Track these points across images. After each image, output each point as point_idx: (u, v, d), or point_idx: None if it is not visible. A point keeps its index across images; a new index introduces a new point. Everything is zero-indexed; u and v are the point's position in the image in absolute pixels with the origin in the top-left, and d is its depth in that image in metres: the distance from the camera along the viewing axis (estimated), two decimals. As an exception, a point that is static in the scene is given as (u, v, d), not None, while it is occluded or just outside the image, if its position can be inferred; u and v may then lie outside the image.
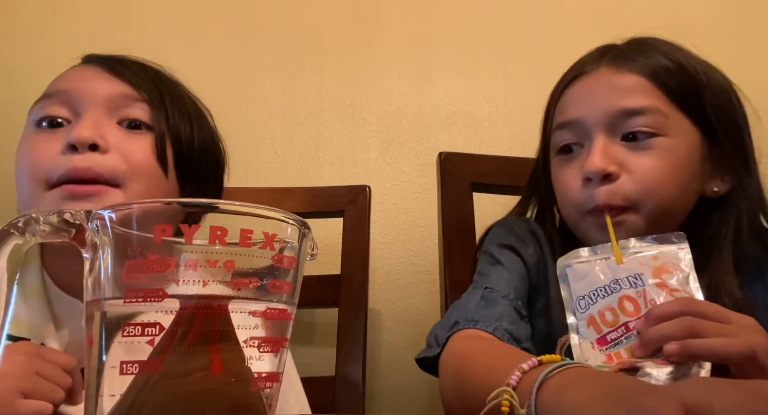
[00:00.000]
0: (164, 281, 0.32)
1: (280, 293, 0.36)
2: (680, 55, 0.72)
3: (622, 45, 0.75)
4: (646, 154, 0.67)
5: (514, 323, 0.69)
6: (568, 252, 0.62)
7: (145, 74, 0.73)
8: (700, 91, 0.70)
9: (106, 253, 0.34)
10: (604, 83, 0.71)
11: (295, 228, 0.37)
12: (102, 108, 0.68)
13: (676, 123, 0.69)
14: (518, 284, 0.75)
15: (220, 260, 0.34)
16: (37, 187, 0.66)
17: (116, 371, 0.32)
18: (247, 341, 0.34)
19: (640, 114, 0.68)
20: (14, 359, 0.52)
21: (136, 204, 0.36)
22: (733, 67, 0.76)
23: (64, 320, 0.67)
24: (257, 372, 0.34)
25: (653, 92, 0.69)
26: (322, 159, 1.23)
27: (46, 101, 0.69)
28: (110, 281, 0.34)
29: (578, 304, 0.58)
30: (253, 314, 0.35)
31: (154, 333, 0.32)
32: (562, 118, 0.74)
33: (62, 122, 0.68)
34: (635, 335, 0.53)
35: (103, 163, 0.65)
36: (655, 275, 0.56)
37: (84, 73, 0.71)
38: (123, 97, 0.69)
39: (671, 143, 0.68)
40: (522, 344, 0.69)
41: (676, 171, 0.68)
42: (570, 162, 0.73)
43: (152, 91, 0.71)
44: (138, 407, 0.31)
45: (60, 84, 0.70)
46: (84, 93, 0.68)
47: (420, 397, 1.14)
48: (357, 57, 1.26)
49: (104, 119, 0.67)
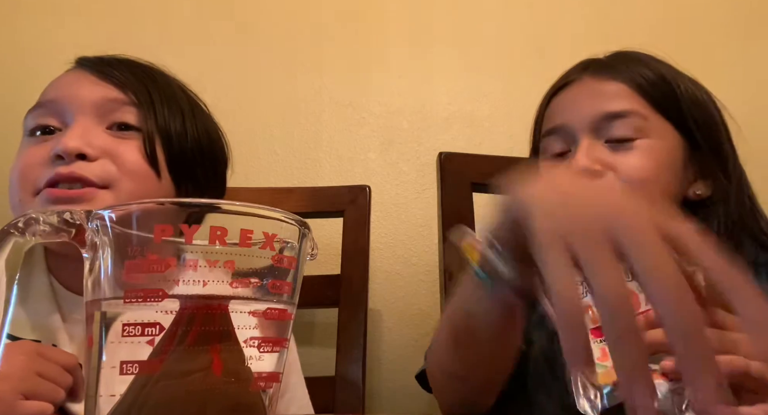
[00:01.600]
0: (164, 281, 0.32)
1: (280, 293, 0.36)
2: (661, 67, 0.76)
3: (605, 57, 0.79)
4: (629, 154, 0.70)
5: None
6: None
7: (133, 74, 0.72)
8: (679, 100, 0.73)
9: (106, 253, 0.34)
10: (587, 90, 0.75)
11: (295, 228, 0.37)
12: (90, 114, 0.67)
13: (656, 126, 0.72)
14: None
15: (220, 260, 0.34)
16: (25, 194, 0.66)
17: (116, 371, 0.32)
18: (247, 341, 0.34)
19: (622, 117, 0.71)
20: (14, 360, 0.52)
21: (135, 204, 0.36)
22: (733, 67, 0.76)
23: (74, 319, 0.67)
24: (257, 372, 0.34)
25: (634, 98, 0.72)
26: (322, 159, 1.23)
27: (38, 111, 0.69)
28: (110, 281, 0.34)
29: None
30: (253, 314, 0.35)
31: (154, 333, 0.32)
32: (549, 125, 0.77)
33: (54, 130, 0.68)
34: None
35: (89, 169, 0.65)
36: None
37: (71, 78, 0.71)
38: (110, 101, 0.69)
39: (652, 143, 0.71)
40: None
41: (660, 169, 0.70)
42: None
43: (140, 91, 0.70)
44: (138, 407, 0.31)
45: (49, 93, 0.70)
46: (71, 100, 0.68)
47: (420, 397, 1.14)
48: (357, 57, 1.26)
49: (92, 126, 0.67)
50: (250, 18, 1.26)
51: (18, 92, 0.76)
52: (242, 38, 1.25)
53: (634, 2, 1.30)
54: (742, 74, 0.78)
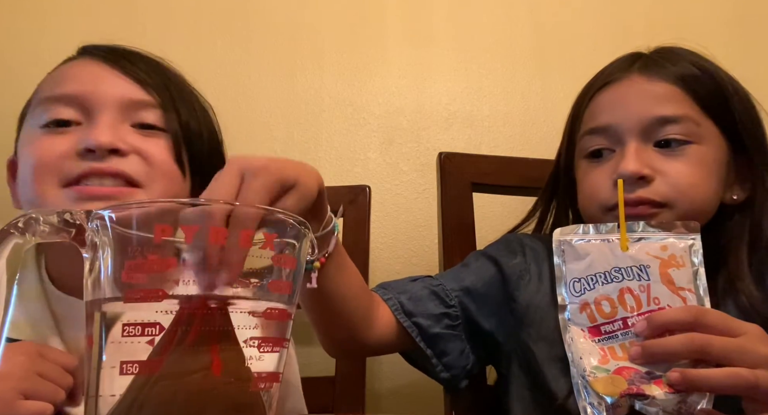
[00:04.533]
0: (164, 281, 0.32)
1: (280, 293, 0.36)
2: (707, 64, 0.73)
3: (651, 53, 0.76)
4: (679, 160, 0.68)
5: (413, 300, 0.72)
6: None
7: (154, 72, 0.71)
8: (727, 100, 0.71)
9: (106, 253, 0.34)
10: (636, 90, 0.72)
11: (295, 228, 0.38)
12: (114, 111, 0.66)
13: (706, 131, 0.70)
14: (472, 283, 0.76)
15: (220, 260, 0.34)
16: (47, 186, 0.63)
17: (116, 371, 0.32)
18: (247, 341, 0.34)
19: (674, 122, 0.69)
20: (15, 360, 0.52)
21: (135, 204, 0.36)
22: (734, 67, 0.76)
23: (65, 321, 0.66)
24: (257, 372, 0.34)
25: (685, 100, 0.70)
26: (322, 159, 1.23)
27: (51, 105, 0.66)
28: (110, 281, 0.34)
29: (572, 286, 0.55)
30: (253, 314, 0.35)
31: (154, 333, 0.32)
32: (594, 123, 0.74)
33: (70, 122, 0.66)
34: (633, 334, 0.52)
35: (126, 165, 0.64)
36: (662, 268, 0.54)
37: (91, 71, 0.69)
38: (134, 101, 0.67)
39: (703, 151, 0.69)
40: (412, 318, 0.71)
41: (708, 177, 0.69)
42: (600, 165, 0.72)
43: (162, 91, 0.69)
44: (138, 407, 0.31)
45: (68, 85, 0.67)
46: (95, 95, 0.66)
47: (420, 397, 1.14)
48: (357, 57, 1.26)
49: (118, 123, 0.66)
50: (250, 18, 1.26)
51: (18, 92, 0.76)
52: (242, 38, 1.25)
53: (634, 2, 1.30)
54: (742, 74, 0.78)
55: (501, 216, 0.93)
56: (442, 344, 0.73)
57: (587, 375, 0.51)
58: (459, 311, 0.74)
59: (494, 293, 0.76)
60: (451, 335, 0.73)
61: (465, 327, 0.75)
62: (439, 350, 0.73)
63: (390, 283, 0.76)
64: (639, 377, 0.50)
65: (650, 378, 0.49)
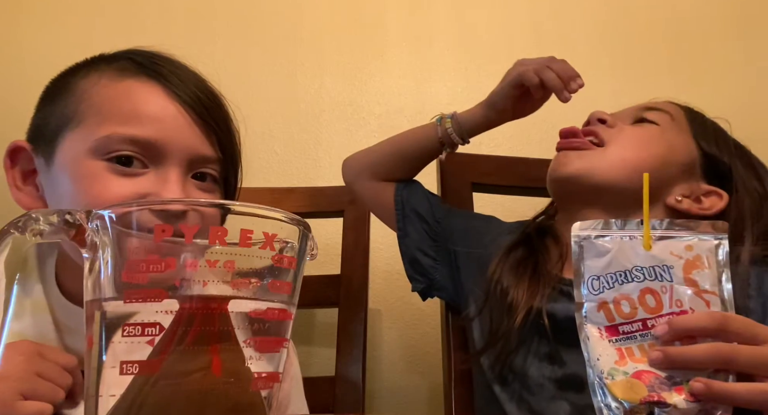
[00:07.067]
0: (164, 281, 0.32)
1: (280, 293, 0.36)
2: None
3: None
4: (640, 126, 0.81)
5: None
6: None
7: (229, 130, 0.71)
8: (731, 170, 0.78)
9: (106, 253, 0.34)
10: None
11: (295, 228, 0.37)
12: (185, 164, 0.64)
13: (677, 128, 0.78)
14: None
15: (220, 260, 0.34)
16: None
17: (116, 371, 0.32)
18: (247, 341, 0.34)
19: (656, 109, 0.81)
20: (14, 360, 0.52)
21: (135, 204, 0.36)
22: (734, 67, 0.76)
23: (71, 332, 0.65)
24: (257, 372, 0.34)
25: (681, 117, 0.81)
26: (322, 159, 1.23)
27: (122, 142, 0.62)
28: (110, 281, 0.34)
29: (591, 284, 0.53)
30: (253, 314, 0.35)
31: (154, 333, 0.32)
32: None
33: (135, 163, 0.63)
34: (652, 335, 0.50)
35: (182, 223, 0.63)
36: (686, 270, 0.51)
37: (168, 113, 0.65)
38: (205, 156, 0.66)
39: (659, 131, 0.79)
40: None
41: (656, 147, 0.78)
42: None
43: (227, 147, 0.69)
44: (138, 407, 0.31)
45: (143, 126, 0.63)
46: (171, 147, 0.63)
47: (420, 397, 1.14)
48: (357, 57, 1.26)
49: (184, 176, 0.65)
50: (250, 18, 1.26)
51: (18, 92, 0.76)
52: (242, 38, 1.25)
53: (634, 2, 1.30)
54: (742, 74, 0.78)
55: (501, 216, 0.93)
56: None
57: (605, 377, 0.50)
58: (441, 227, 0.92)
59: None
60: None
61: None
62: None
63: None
64: (659, 382, 0.48)
65: (671, 384, 0.48)
